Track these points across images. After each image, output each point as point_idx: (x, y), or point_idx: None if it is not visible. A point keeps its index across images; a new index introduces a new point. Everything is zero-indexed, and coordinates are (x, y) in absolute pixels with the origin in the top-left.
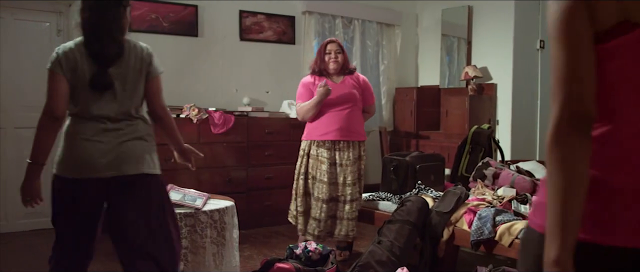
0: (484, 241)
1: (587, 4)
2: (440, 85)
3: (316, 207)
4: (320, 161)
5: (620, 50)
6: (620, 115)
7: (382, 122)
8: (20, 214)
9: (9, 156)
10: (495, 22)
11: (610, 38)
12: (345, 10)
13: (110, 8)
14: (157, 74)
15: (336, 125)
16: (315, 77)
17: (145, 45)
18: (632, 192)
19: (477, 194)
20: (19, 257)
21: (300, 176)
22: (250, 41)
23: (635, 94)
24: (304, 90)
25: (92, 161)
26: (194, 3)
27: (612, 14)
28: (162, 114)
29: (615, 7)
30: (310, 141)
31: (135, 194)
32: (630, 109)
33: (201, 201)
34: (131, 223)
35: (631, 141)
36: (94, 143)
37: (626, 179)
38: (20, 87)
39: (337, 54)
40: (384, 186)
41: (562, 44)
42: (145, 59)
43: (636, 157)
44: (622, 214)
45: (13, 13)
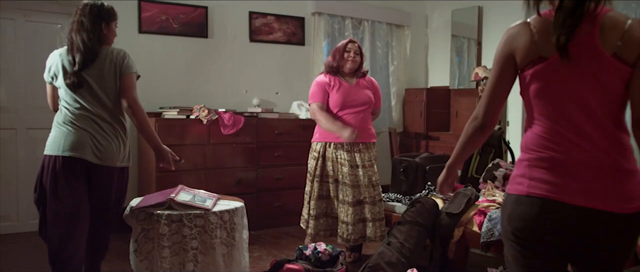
0: (494, 242)
1: (511, 48)
2: (450, 86)
3: (343, 211)
4: (340, 164)
5: (535, 76)
6: (540, 121)
7: (391, 123)
8: (31, 214)
9: (21, 156)
10: (505, 22)
11: (528, 68)
12: (355, 11)
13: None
14: (128, 73)
15: (355, 127)
16: (330, 76)
17: (121, 50)
18: (560, 163)
19: (488, 195)
20: (30, 258)
21: (315, 178)
22: (260, 42)
23: (548, 108)
24: (318, 90)
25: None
26: (204, 4)
27: (530, 52)
28: (134, 107)
29: (532, 48)
30: (326, 142)
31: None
32: (544, 118)
33: (211, 201)
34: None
35: (552, 134)
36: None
37: (553, 154)
38: (32, 89)
39: (356, 55)
40: (393, 187)
41: (492, 70)
42: (118, 61)
43: (551, 142)
44: (550, 175)
45: (25, 15)
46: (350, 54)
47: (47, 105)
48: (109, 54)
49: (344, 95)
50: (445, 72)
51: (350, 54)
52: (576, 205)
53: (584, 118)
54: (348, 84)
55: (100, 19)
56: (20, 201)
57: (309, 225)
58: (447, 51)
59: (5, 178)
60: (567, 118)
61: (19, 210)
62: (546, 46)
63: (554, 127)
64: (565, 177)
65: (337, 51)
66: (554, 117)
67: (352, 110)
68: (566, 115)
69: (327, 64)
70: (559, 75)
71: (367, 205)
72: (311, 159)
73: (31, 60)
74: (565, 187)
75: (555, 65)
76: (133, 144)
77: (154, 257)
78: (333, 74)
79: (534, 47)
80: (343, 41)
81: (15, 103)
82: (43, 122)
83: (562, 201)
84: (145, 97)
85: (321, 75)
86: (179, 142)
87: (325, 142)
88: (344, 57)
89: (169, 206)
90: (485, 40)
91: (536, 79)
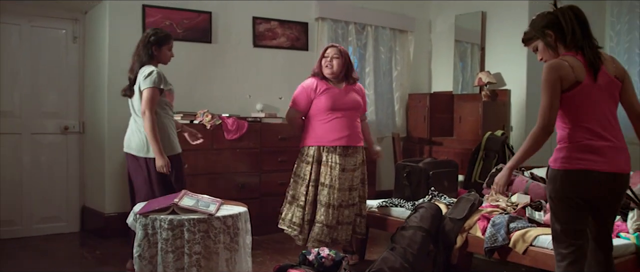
0: (497, 248)
1: (559, 77)
2: (453, 91)
3: (326, 214)
4: (331, 167)
5: (578, 94)
6: (580, 123)
7: (395, 128)
8: (36, 219)
9: (25, 162)
10: (508, 28)
11: (570, 89)
12: (359, 16)
13: (141, 45)
14: (142, 89)
15: (347, 131)
16: (317, 80)
17: (143, 68)
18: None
19: (491, 200)
20: (34, 262)
21: (311, 183)
22: (264, 47)
23: (585, 114)
24: (301, 94)
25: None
26: (208, 10)
27: (571, 79)
28: (143, 118)
29: (572, 75)
30: (320, 146)
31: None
32: (582, 120)
33: (214, 206)
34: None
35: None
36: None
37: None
38: (37, 94)
39: (333, 59)
40: (397, 192)
41: (545, 91)
42: (140, 79)
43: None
44: (588, 155)
45: (30, 20)
46: (327, 60)
47: (51, 110)
48: (141, 72)
49: (332, 99)
50: (448, 77)
51: (327, 60)
52: (604, 171)
53: (604, 118)
54: (337, 88)
55: (150, 43)
56: (24, 205)
57: (304, 229)
58: (451, 56)
59: (10, 183)
60: (596, 119)
61: (23, 215)
62: (580, 75)
63: (587, 126)
64: (597, 156)
65: (320, 57)
66: (587, 120)
67: (341, 114)
68: (595, 118)
69: (314, 68)
70: (591, 93)
71: (343, 208)
72: (303, 163)
73: (36, 65)
74: (597, 162)
75: (588, 86)
76: None
77: (157, 262)
78: (320, 78)
79: (574, 75)
80: (324, 46)
81: (20, 108)
82: (47, 128)
83: (597, 170)
84: None
85: (309, 79)
86: (183, 147)
87: (320, 146)
88: (321, 63)
89: (173, 210)
90: (488, 46)
91: (577, 96)
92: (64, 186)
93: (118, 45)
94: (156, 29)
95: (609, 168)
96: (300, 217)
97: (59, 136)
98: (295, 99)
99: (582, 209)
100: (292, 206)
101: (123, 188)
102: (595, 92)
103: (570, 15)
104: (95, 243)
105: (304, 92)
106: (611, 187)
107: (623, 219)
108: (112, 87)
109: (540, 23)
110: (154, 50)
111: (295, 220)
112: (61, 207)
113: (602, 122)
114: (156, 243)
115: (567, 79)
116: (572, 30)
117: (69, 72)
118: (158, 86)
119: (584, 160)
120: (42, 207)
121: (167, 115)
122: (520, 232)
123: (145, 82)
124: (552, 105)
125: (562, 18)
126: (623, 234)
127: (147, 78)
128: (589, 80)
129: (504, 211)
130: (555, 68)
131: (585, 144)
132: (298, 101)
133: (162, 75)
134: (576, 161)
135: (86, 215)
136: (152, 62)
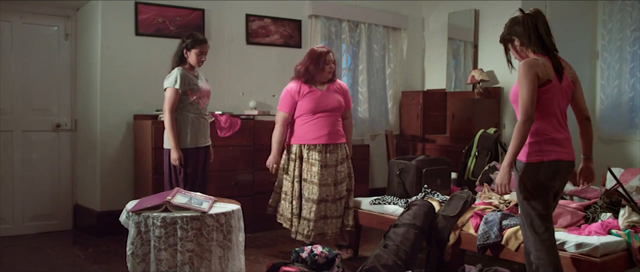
0: (490, 245)
1: (536, 73)
2: (446, 89)
3: (307, 208)
4: (311, 164)
5: (547, 91)
6: (546, 117)
7: (388, 125)
8: (27, 217)
9: (16, 159)
10: (501, 25)
11: (543, 85)
12: (352, 14)
13: (177, 47)
14: (164, 88)
15: (326, 130)
16: (300, 83)
17: (173, 70)
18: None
19: (484, 198)
20: (26, 260)
21: (295, 179)
22: (257, 45)
23: (551, 110)
24: (287, 98)
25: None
26: (200, 7)
27: (545, 77)
28: (164, 115)
29: (546, 73)
30: (301, 144)
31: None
32: (547, 114)
33: (207, 204)
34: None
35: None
36: None
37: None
38: (28, 91)
39: (333, 64)
40: (390, 190)
41: (525, 86)
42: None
43: (551, 129)
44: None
45: (22, 17)
46: (330, 65)
47: (43, 107)
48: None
49: (315, 102)
50: (441, 74)
51: (330, 65)
52: (566, 160)
53: (562, 114)
54: (319, 91)
55: (183, 47)
56: (16, 203)
57: (293, 223)
58: (444, 54)
59: (1, 180)
60: (558, 114)
61: (15, 213)
62: (550, 74)
63: (552, 120)
64: (561, 147)
65: (314, 61)
66: (552, 114)
67: (325, 114)
68: (557, 113)
69: (301, 71)
70: (556, 91)
71: (328, 203)
72: (289, 160)
73: (28, 62)
74: (562, 153)
75: (555, 85)
76: (129, 145)
77: (150, 260)
78: (304, 81)
79: (546, 73)
80: (319, 50)
81: (12, 105)
82: (39, 125)
83: (563, 159)
84: (142, 100)
85: (291, 83)
86: None
87: (301, 144)
88: (324, 69)
89: (165, 208)
90: (481, 43)
91: (547, 93)
92: (56, 184)
93: (110, 42)
94: (193, 33)
95: (569, 157)
96: (290, 211)
97: (50, 134)
98: (281, 102)
99: (550, 195)
100: (285, 200)
101: (115, 186)
102: (558, 91)
103: (530, 23)
104: (88, 241)
105: (289, 96)
106: (569, 172)
107: (614, 216)
108: (104, 84)
109: (508, 27)
110: (185, 54)
111: (287, 214)
112: (53, 205)
113: (561, 118)
114: (149, 241)
115: (542, 76)
116: (528, 36)
117: (60, 70)
118: (174, 86)
119: (553, 152)
120: (33, 205)
121: (182, 112)
122: (512, 230)
123: (165, 82)
124: (532, 99)
125: (523, 25)
126: (614, 231)
127: (167, 78)
128: (555, 80)
129: (497, 208)
130: (532, 65)
131: (552, 137)
132: (284, 104)
133: (183, 77)
134: (547, 153)
135: (78, 213)
136: (182, 64)
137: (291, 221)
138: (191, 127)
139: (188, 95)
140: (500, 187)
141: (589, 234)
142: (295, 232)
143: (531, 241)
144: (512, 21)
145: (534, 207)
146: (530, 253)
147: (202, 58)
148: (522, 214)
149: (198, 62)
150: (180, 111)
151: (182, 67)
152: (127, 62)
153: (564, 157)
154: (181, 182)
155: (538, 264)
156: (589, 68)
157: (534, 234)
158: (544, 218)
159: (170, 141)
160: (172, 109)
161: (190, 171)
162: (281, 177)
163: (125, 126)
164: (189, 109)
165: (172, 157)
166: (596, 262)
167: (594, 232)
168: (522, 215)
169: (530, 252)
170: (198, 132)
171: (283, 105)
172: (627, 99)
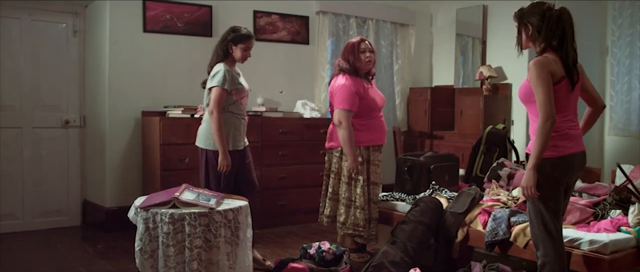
0: (498, 241)
1: (549, 72)
2: (454, 85)
3: (375, 211)
4: (376, 165)
5: (561, 88)
6: (560, 113)
7: (396, 122)
8: (36, 213)
9: (26, 155)
10: (510, 21)
11: (557, 83)
12: (359, 10)
13: (220, 41)
14: (209, 87)
15: (384, 129)
16: (355, 79)
17: (217, 67)
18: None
19: (492, 194)
20: (35, 256)
21: (365, 182)
22: (264, 41)
23: (565, 106)
24: (352, 94)
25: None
26: (208, 3)
27: (558, 74)
28: (210, 115)
29: (558, 71)
30: (369, 146)
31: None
32: (561, 111)
33: (215, 200)
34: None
35: (565, 120)
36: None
37: (567, 131)
38: (38, 88)
39: (371, 53)
40: (397, 187)
41: (541, 86)
42: (209, 76)
43: (566, 125)
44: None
45: (31, 14)
46: (366, 54)
47: (52, 104)
48: (213, 70)
49: (375, 98)
50: (449, 71)
51: (366, 54)
52: (578, 152)
53: (574, 110)
54: (370, 87)
55: (227, 41)
56: (25, 199)
57: (370, 228)
58: (452, 50)
59: (11, 177)
60: (571, 110)
61: (25, 208)
62: (561, 71)
63: (566, 116)
64: (571, 141)
65: (351, 52)
66: (566, 110)
67: (380, 113)
68: (570, 110)
69: (344, 65)
70: (569, 88)
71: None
72: (343, 163)
73: (37, 59)
74: (572, 147)
75: (567, 83)
76: (137, 142)
77: (158, 256)
78: (353, 74)
79: (560, 71)
80: (353, 40)
81: (21, 102)
82: (48, 121)
83: (573, 152)
84: (150, 96)
85: (343, 79)
86: (183, 141)
87: (369, 146)
88: (360, 58)
89: (173, 204)
90: (489, 39)
91: (561, 90)
92: (65, 180)
93: (118, 39)
94: (237, 27)
95: (580, 148)
96: (363, 218)
97: (59, 130)
98: (344, 100)
99: (562, 190)
100: (353, 207)
101: (124, 182)
102: (570, 88)
103: (549, 18)
104: (97, 237)
105: (352, 93)
106: (581, 164)
107: (624, 213)
108: (112, 81)
109: (528, 12)
110: (230, 48)
111: (360, 222)
112: (62, 201)
113: (573, 114)
114: (157, 237)
115: (555, 74)
116: (544, 31)
117: (69, 66)
118: (223, 86)
119: (566, 147)
120: (43, 201)
121: (226, 113)
122: (521, 227)
123: (212, 81)
124: (550, 98)
125: (542, 17)
126: (624, 228)
127: (213, 77)
128: (567, 76)
129: (505, 205)
130: (545, 64)
131: (565, 133)
132: (353, 102)
133: (230, 75)
134: (561, 149)
135: (87, 209)
136: (226, 60)
137: (365, 228)
138: (232, 129)
139: (232, 94)
140: (527, 190)
141: (598, 231)
142: (366, 236)
143: (540, 238)
144: (535, 7)
145: (545, 202)
146: (538, 250)
147: (247, 54)
148: (532, 210)
149: (243, 58)
150: (222, 112)
151: (225, 63)
152: (135, 59)
153: (577, 149)
154: (223, 182)
155: (545, 261)
156: (598, 64)
157: (544, 230)
158: (554, 214)
159: (218, 144)
160: (220, 110)
161: (227, 174)
162: (332, 182)
163: (133, 123)
164: (231, 109)
165: (220, 162)
166: (605, 260)
167: (603, 229)
168: (532, 211)
169: (538, 249)
170: (238, 134)
171: (349, 103)
172: (637, 95)
